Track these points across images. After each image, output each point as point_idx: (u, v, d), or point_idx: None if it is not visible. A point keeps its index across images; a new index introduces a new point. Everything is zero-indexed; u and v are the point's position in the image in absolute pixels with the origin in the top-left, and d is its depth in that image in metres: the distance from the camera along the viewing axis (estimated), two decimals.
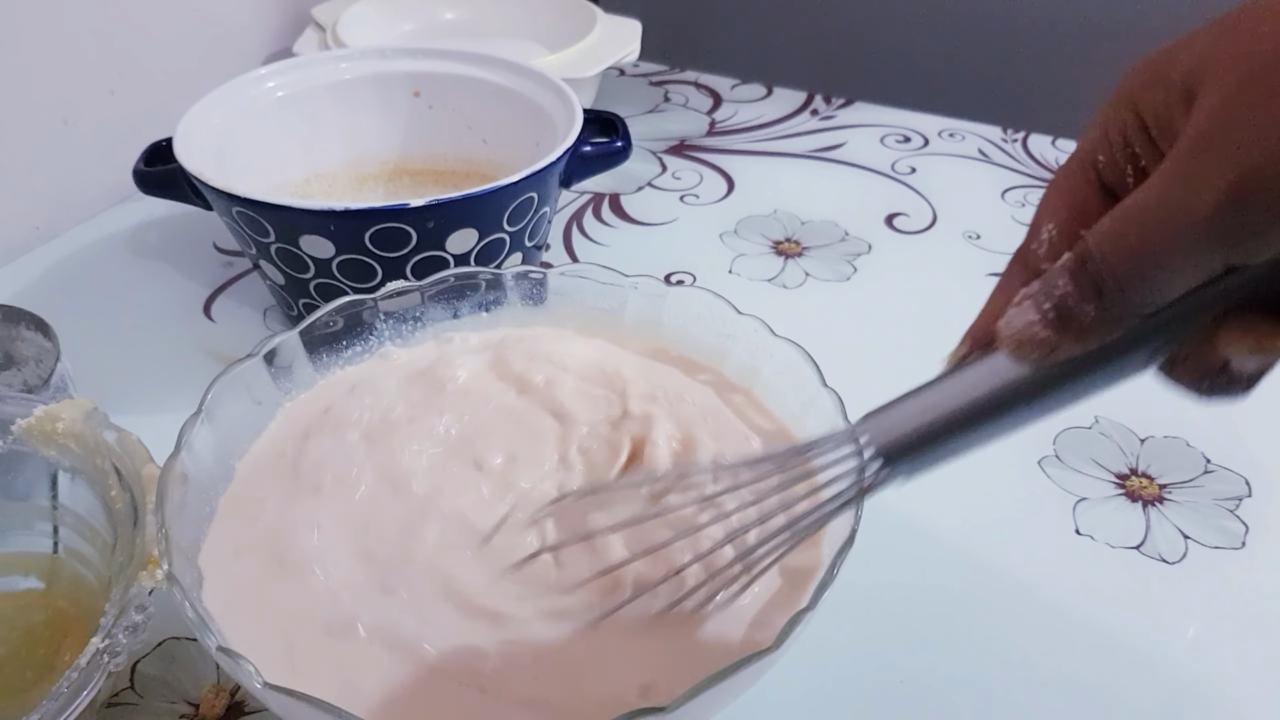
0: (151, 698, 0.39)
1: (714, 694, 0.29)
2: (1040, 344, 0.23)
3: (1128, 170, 0.24)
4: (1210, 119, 0.20)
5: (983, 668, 0.40)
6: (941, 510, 0.47)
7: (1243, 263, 0.21)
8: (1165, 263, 0.21)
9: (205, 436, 0.38)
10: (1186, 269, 0.21)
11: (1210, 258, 0.20)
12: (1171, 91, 0.22)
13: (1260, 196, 0.19)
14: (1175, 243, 0.20)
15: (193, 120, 0.56)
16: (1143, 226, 0.21)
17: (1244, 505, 0.48)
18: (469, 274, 0.46)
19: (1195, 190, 0.20)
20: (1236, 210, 0.19)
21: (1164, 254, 0.21)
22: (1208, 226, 0.20)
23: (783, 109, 0.88)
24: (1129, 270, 0.21)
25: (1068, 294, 0.22)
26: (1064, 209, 0.25)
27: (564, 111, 0.58)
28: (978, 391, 0.25)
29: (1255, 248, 0.20)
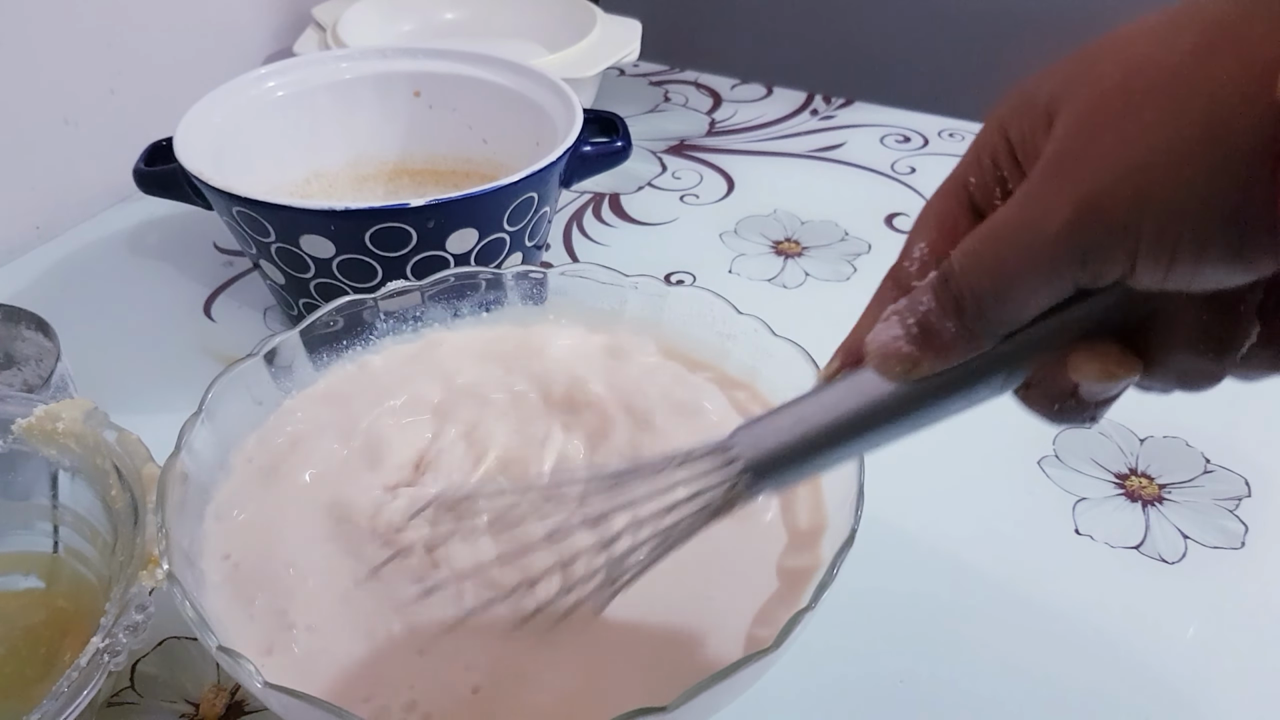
0: (152, 697, 0.39)
1: (713, 694, 0.29)
2: (903, 359, 0.24)
3: (996, 192, 0.24)
4: (1059, 145, 0.21)
5: (982, 668, 0.41)
6: (941, 511, 0.47)
7: (1091, 284, 0.21)
8: (1018, 281, 0.22)
9: (205, 436, 0.38)
10: (1038, 288, 0.21)
11: (1059, 277, 0.21)
12: (1035, 116, 0.22)
13: (1100, 220, 0.20)
14: (1026, 262, 0.21)
15: (193, 120, 0.56)
16: (998, 246, 0.22)
17: (1243, 505, 0.48)
18: (469, 274, 0.46)
19: (1044, 212, 0.21)
20: (1080, 232, 0.20)
21: (1017, 273, 0.21)
22: (1054, 247, 0.21)
23: (783, 109, 0.88)
24: (985, 288, 0.22)
25: (930, 310, 0.23)
26: (935, 229, 0.26)
27: (564, 111, 0.58)
28: (844, 407, 0.26)
29: (1100, 269, 0.21)
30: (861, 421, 0.26)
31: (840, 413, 0.26)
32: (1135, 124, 0.19)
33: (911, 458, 0.50)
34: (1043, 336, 0.23)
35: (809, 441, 0.27)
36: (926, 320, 0.23)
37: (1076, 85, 0.21)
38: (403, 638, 0.34)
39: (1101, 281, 0.21)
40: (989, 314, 0.22)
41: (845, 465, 0.28)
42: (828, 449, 0.27)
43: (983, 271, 0.22)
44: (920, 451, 0.50)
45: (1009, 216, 0.22)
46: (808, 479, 0.28)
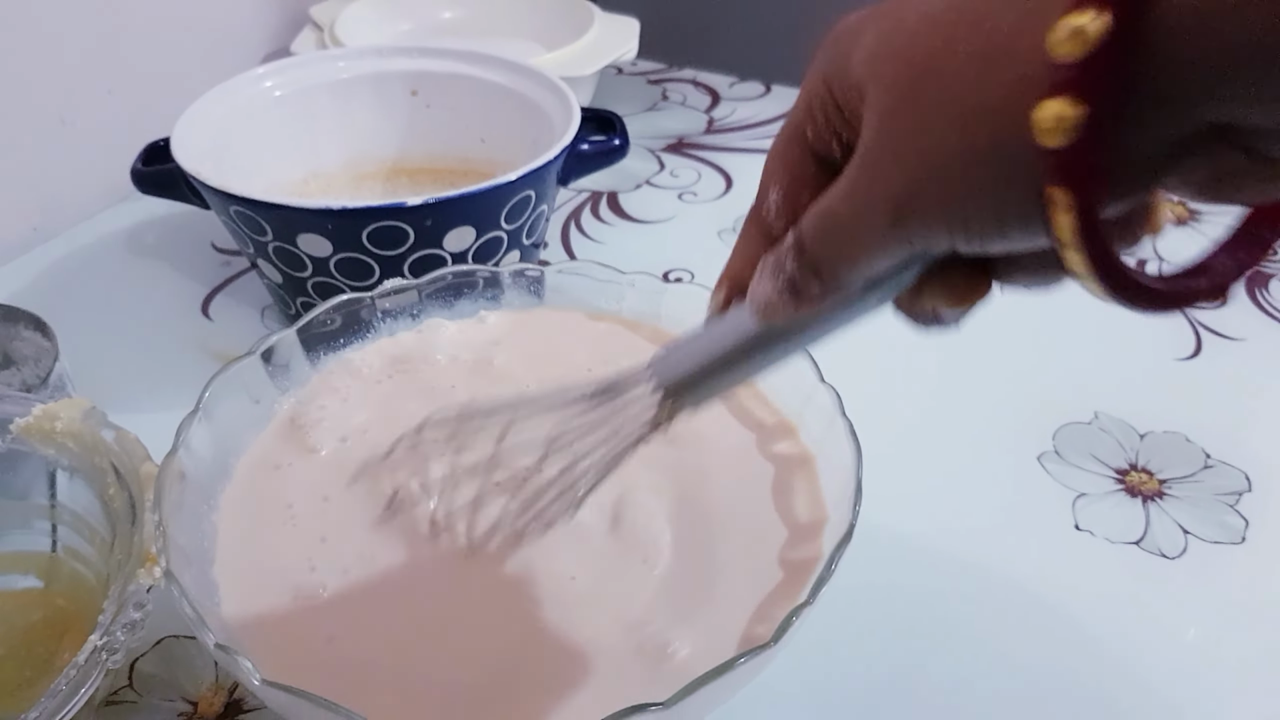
0: (150, 695, 0.39)
1: (713, 689, 0.29)
2: (780, 310, 0.27)
3: (833, 143, 0.26)
4: (870, 139, 0.23)
5: (981, 663, 0.40)
6: (940, 506, 0.47)
7: (924, 254, 0.23)
8: (860, 257, 0.24)
9: (203, 435, 0.38)
10: (880, 261, 0.24)
11: (895, 254, 0.23)
12: (849, 82, 0.24)
13: (916, 213, 0.22)
14: (864, 246, 0.24)
15: (191, 119, 0.56)
16: (836, 228, 0.24)
17: (1244, 500, 0.48)
18: (466, 272, 0.46)
19: (865, 203, 0.23)
20: (901, 226, 0.22)
21: (857, 250, 0.24)
22: (883, 233, 0.23)
23: (781, 106, 0.88)
24: (834, 259, 0.25)
25: (794, 274, 0.26)
26: (784, 175, 0.28)
27: (562, 110, 0.58)
28: (740, 334, 0.29)
29: (927, 246, 0.22)
30: (755, 345, 0.29)
31: (738, 339, 0.29)
32: (928, 137, 0.21)
33: (911, 454, 0.50)
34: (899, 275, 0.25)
35: (714, 365, 0.30)
36: (793, 280, 0.26)
37: (875, 75, 0.23)
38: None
39: (932, 254, 0.23)
40: (842, 276, 0.25)
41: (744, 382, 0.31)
42: (731, 370, 0.30)
43: (829, 247, 0.25)
44: (920, 447, 0.50)
45: (841, 203, 0.24)
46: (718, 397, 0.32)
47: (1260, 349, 0.58)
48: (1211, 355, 0.57)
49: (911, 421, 0.52)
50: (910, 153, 0.22)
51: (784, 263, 0.26)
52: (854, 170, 0.23)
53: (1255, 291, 0.63)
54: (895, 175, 0.22)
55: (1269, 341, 0.58)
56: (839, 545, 0.33)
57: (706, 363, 0.30)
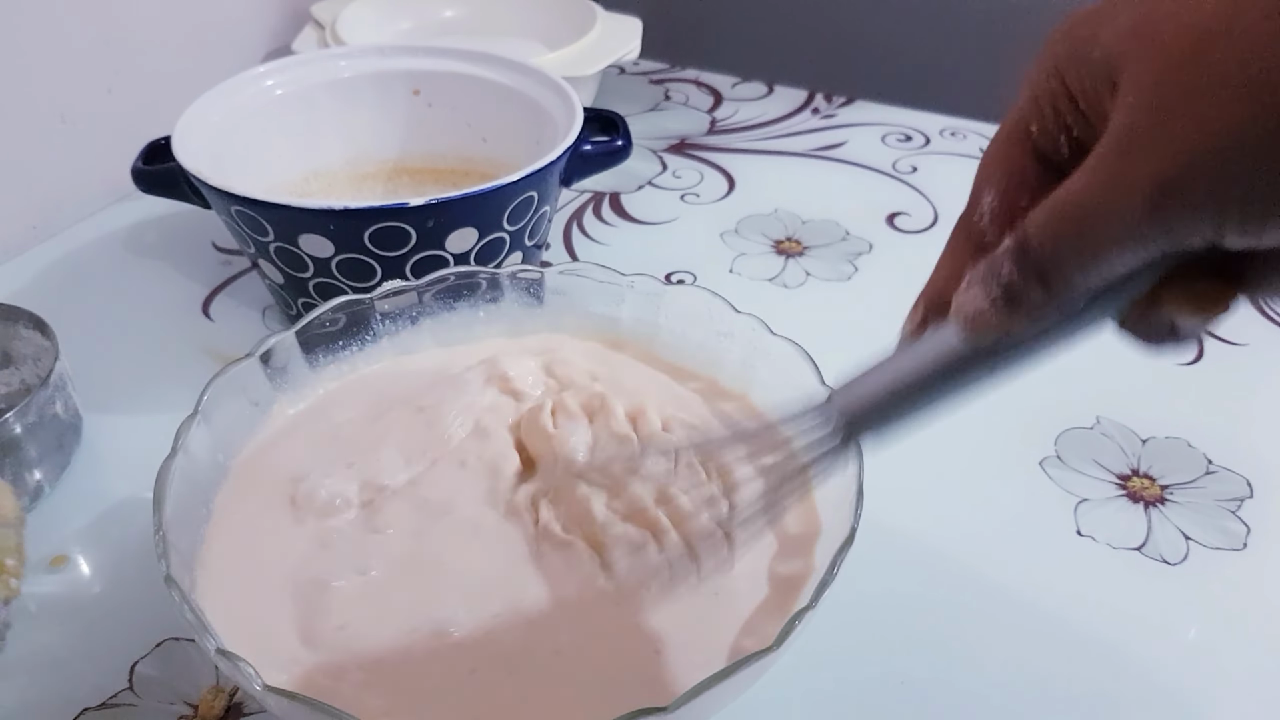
0: (150, 698, 0.39)
1: (714, 694, 0.29)
2: (992, 325, 0.24)
3: (1061, 140, 0.24)
4: (1130, 120, 0.21)
5: (983, 669, 0.40)
6: (942, 511, 0.47)
7: (1177, 250, 0.21)
8: (1102, 254, 0.21)
9: (201, 438, 0.38)
10: (1123, 259, 0.21)
11: (1144, 250, 0.21)
12: (1094, 71, 0.22)
13: (1183, 201, 0.20)
14: (1109, 240, 0.21)
15: (191, 118, 0.56)
16: (1078, 223, 0.22)
17: (1245, 506, 0.47)
18: (467, 273, 0.46)
19: (1122, 193, 0.20)
20: (1163, 211, 0.20)
21: (1100, 247, 0.21)
22: (1139, 224, 0.20)
23: (784, 107, 0.88)
24: (1068, 260, 0.22)
25: (1014, 280, 0.23)
26: (1002, 178, 0.25)
27: (564, 110, 0.58)
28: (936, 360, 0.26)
29: (1186, 239, 0.20)
30: (953, 373, 0.26)
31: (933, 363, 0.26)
32: (1210, 105, 0.19)
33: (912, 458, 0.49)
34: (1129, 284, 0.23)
35: (905, 393, 0.27)
36: (1011, 289, 0.23)
37: (1139, 47, 0.21)
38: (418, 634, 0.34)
39: (1188, 248, 0.21)
40: (1072, 281, 0.22)
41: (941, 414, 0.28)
42: (923, 399, 0.27)
43: (1064, 244, 0.22)
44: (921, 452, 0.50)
45: (1082, 193, 0.21)
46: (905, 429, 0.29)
47: (1263, 355, 0.58)
48: (1214, 361, 0.57)
49: None
50: (1183, 124, 0.19)
51: (1000, 268, 0.23)
52: (1104, 152, 0.21)
53: None
54: (1161, 151, 0.20)
55: (1271, 347, 0.58)
56: (841, 549, 0.33)
57: (896, 390, 0.28)
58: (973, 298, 0.24)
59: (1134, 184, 0.20)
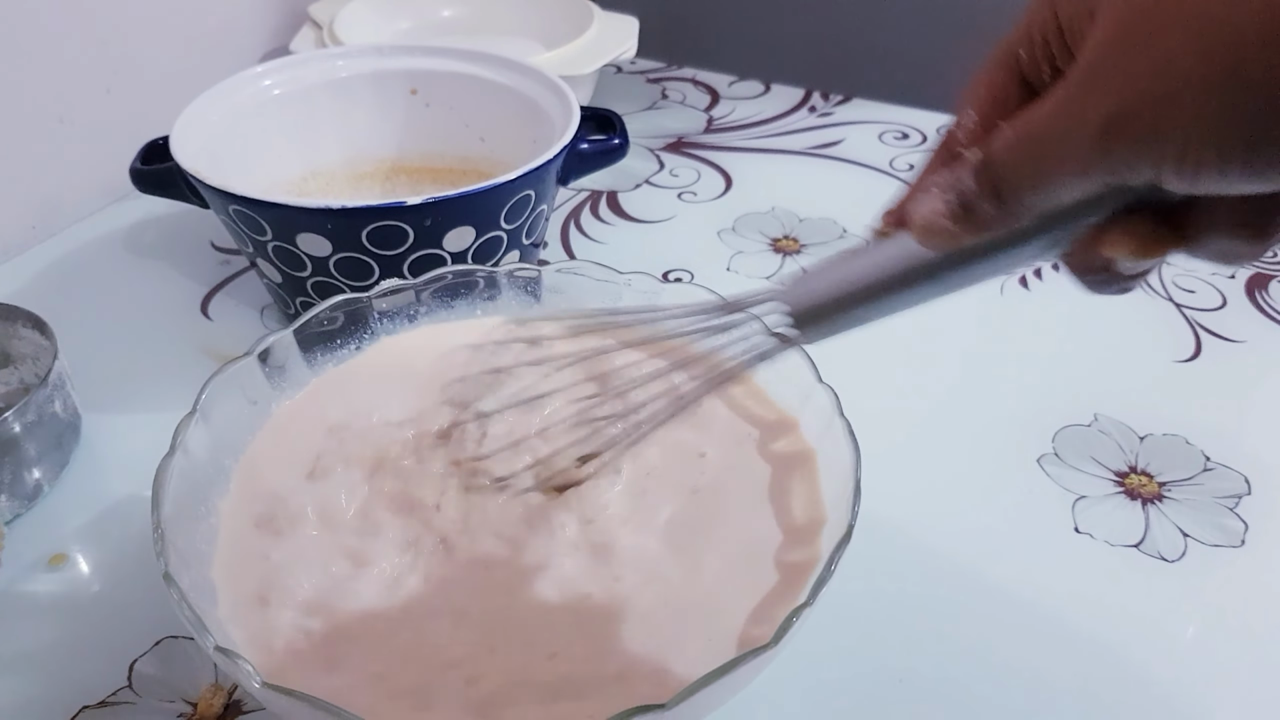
0: (149, 696, 0.39)
1: (712, 690, 0.29)
2: (943, 232, 0.25)
3: (1044, 69, 0.25)
4: (1094, 53, 0.22)
5: (980, 666, 0.40)
6: (940, 508, 0.47)
7: (1122, 185, 0.22)
8: (1052, 177, 0.23)
9: (200, 436, 0.38)
10: (1071, 186, 0.23)
11: (1091, 179, 0.22)
12: (1079, 5, 0.23)
13: (1126, 136, 0.21)
14: (1061, 163, 0.22)
15: (189, 118, 0.56)
16: (1035, 143, 0.23)
17: (1243, 503, 0.48)
18: (465, 272, 0.46)
19: (1077, 120, 0.22)
20: (1107, 144, 0.21)
21: (1052, 171, 0.23)
22: (1086, 153, 0.22)
23: (781, 106, 0.88)
24: (1023, 180, 0.23)
25: (971, 191, 0.24)
26: (986, 98, 0.27)
27: (561, 109, 0.58)
28: (887, 266, 0.28)
29: (1129, 175, 0.21)
30: (902, 280, 0.27)
31: (883, 271, 0.28)
32: (1162, 50, 0.20)
33: (911, 455, 0.50)
34: (1077, 212, 0.24)
35: (852, 294, 0.29)
36: (967, 198, 0.25)
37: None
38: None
39: (1130, 184, 0.22)
40: (1024, 200, 0.24)
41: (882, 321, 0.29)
42: (869, 303, 0.28)
43: (1020, 164, 0.23)
44: (919, 449, 0.50)
45: (1044, 116, 0.23)
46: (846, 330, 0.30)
47: (1260, 351, 0.58)
48: (1211, 357, 0.57)
49: (911, 423, 0.52)
50: (1136, 67, 0.20)
51: (961, 179, 0.25)
52: (1067, 84, 0.22)
53: (1255, 293, 0.63)
54: (1115, 89, 0.21)
55: (1269, 343, 0.58)
56: (838, 546, 0.33)
57: (842, 290, 0.29)
58: (930, 200, 0.26)
59: (1086, 115, 0.21)
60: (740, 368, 0.33)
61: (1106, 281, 0.25)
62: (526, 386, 0.40)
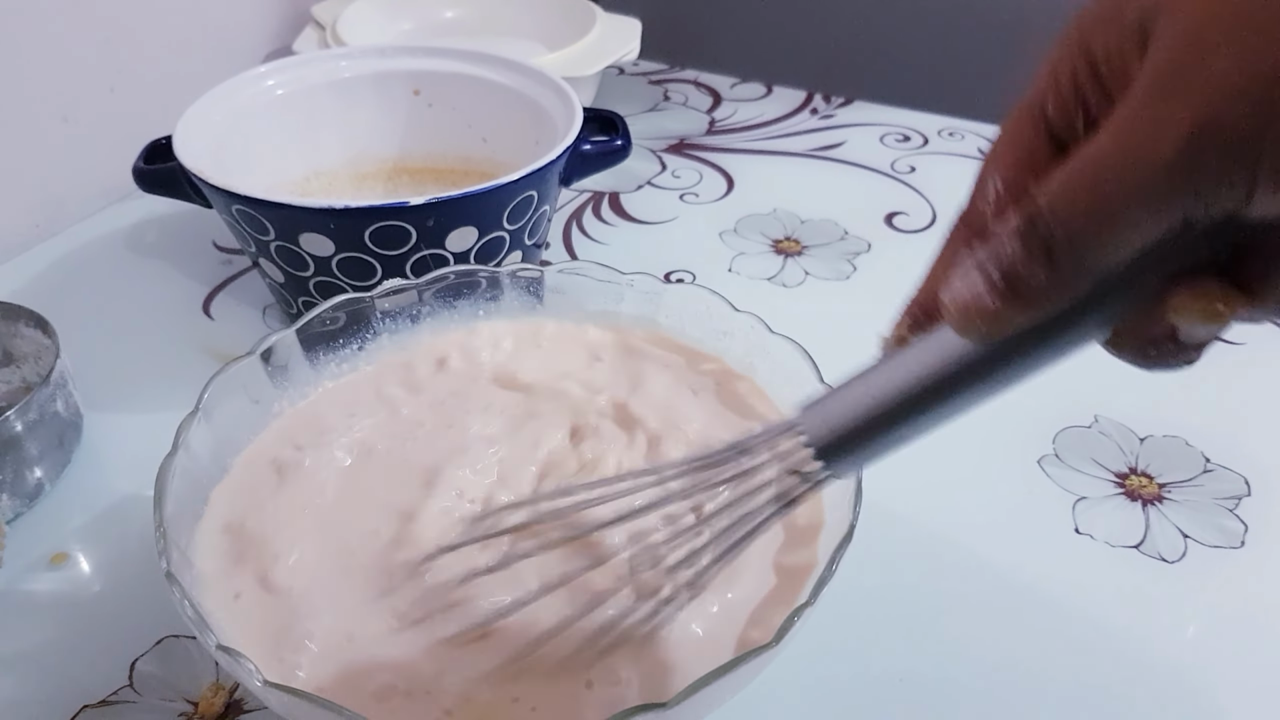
0: (150, 695, 0.39)
1: (713, 690, 0.29)
2: (988, 315, 0.22)
3: (1078, 118, 0.22)
4: (1168, 59, 0.19)
5: (981, 666, 0.40)
6: (940, 508, 0.47)
7: (1202, 215, 0.19)
8: (1122, 217, 0.20)
9: (202, 435, 0.38)
10: (1144, 223, 0.20)
11: (1170, 209, 0.19)
12: (1126, 31, 0.21)
13: (1222, 140, 0.18)
14: (1133, 194, 0.19)
15: (192, 118, 0.56)
16: (1097, 179, 0.20)
17: (1243, 504, 0.48)
18: (467, 272, 0.46)
19: (1153, 136, 0.19)
20: (1198, 155, 0.18)
21: (1121, 207, 0.19)
22: (1168, 174, 0.19)
23: (782, 108, 0.88)
24: (1083, 227, 0.20)
25: (1016, 259, 0.21)
26: (1012, 162, 0.23)
27: (564, 110, 0.58)
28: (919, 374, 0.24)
29: (1216, 195, 0.19)
30: (939, 388, 0.23)
31: (915, 381, 0.24)
32: (1256, 35, 0.18)
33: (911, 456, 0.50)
34: (1136, 275, 0.21)
35: (883, 415, 0.24)
36: (1013, 269, 0.21)
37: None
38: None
39: (1213, 212, 0.19)
40: (1085, 256, 0.20)
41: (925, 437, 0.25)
42: (905, 422, 0.24)
43: (1078, 210, 0.20)
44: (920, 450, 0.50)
45: (1106, 147, 0.20)
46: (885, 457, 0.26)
47: (1260, 353, 0.58)
48: (1212, 359, 0.57)
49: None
50: (1230, 62, 0.18)
51: (1003, 248, 0.21)
52: (1126, 109, 0.19)
53: None
54: (1199, 93, 0.18)
55: (1269, 346, 0.58)
56: (839, 546, 0.33)
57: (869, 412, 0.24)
58: (969, 284, 0.22)
59: (1165, 127, 0.19)
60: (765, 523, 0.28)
61: (1169, 354, 0.22)
62: None
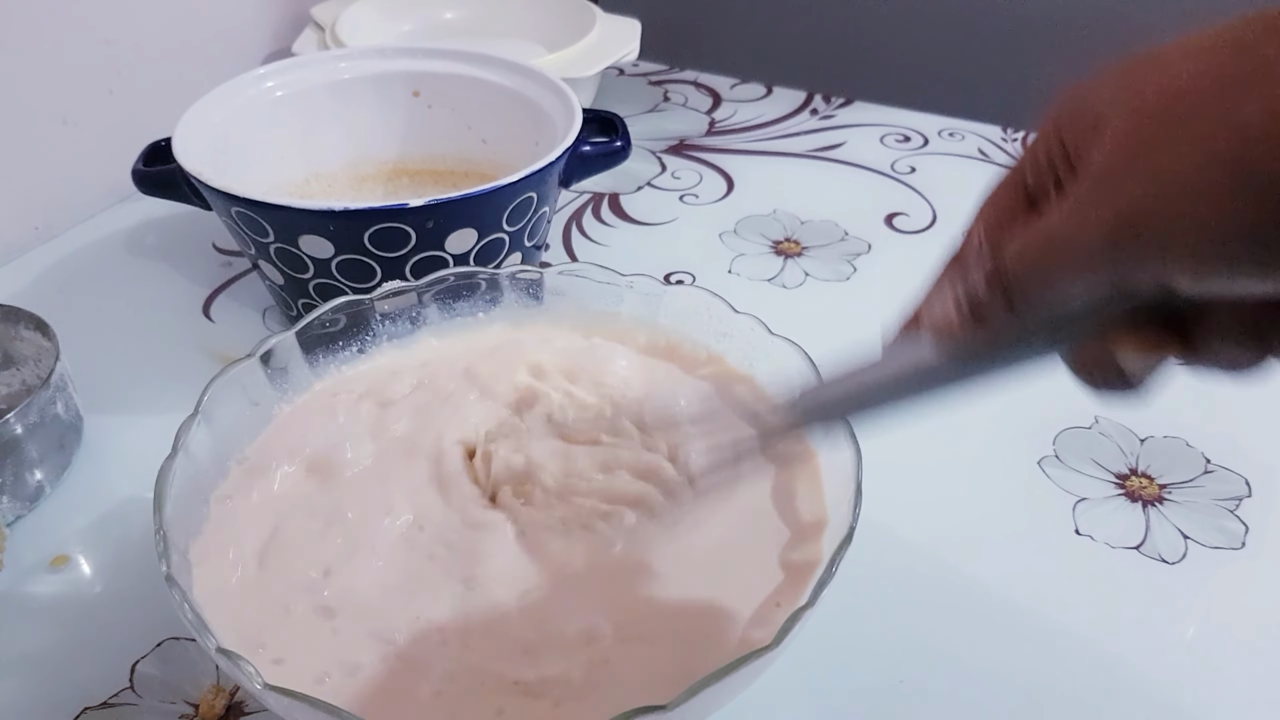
0: (150, 697, 0.39)
1: (713, 692, 0.29)
2: (954, 332, 0.27)
3: (1050, 190, 0.26)
4: (1102, 163, 0.23)
5: (981, 667, 0.40)
6: (941, 510, 0.47)
7: (1129, 289, 0.23)
8: (1060, 283, 0.24)
9: (202, 438, 0.38)
10: (1078, 289, 0.23)
11: (1097, 282, 0.23)
12: (1086, 125, 0.24)
13: (1134, 237, 0.21)
14: (1068, 268, 0.23)
15: (192, 120, 0.56)
16: (1044, 250, 0.24)
17: (1244, 505, 0.48)
18: (466, 274, 0.46)
19: (1084, 225, 0.22)
20: (1115, 246, 0.22)
21: (1059, 276, 0.24)
22: (1092, 258, 0.22)
23: (782, 108, 0.88)
24: (1032, 286, 0.24)
25: (982, 294, 0.26)
26: (993, 217, 0.28)
27: (563, 111, 0.58)
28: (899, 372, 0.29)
29: (1137, 276, 0.22)
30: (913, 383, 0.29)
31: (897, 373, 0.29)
32: (1169, 153, 0.21)
33: (912, 458, 0.50)
34: (1086, 314, 0.25)
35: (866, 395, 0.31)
36: (978, 305, 0.26)
37: (1121, 103, 0.23)
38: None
39: (1138, 288, 0.22)
40: (1033, 302, 0.25)
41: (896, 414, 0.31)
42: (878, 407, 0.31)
43: (1029, 271, 0.24)
44: (920, 452, 0.50)
45: (1057, 224, 0.23)
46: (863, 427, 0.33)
47: None
48: None
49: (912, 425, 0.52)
50: (1144, 169, 0.21)
51: (974, 282, 0.26)
52: (1079, 188, 0.23)
53: None
54: (1124, 192, 0.21)
55: None
56: (839, 548, 0.33)
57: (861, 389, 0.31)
58: (943, 308, 0.27)
59: (1097, 215, 0.22)
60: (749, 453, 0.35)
61: (1110, 381, 0.26)
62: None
